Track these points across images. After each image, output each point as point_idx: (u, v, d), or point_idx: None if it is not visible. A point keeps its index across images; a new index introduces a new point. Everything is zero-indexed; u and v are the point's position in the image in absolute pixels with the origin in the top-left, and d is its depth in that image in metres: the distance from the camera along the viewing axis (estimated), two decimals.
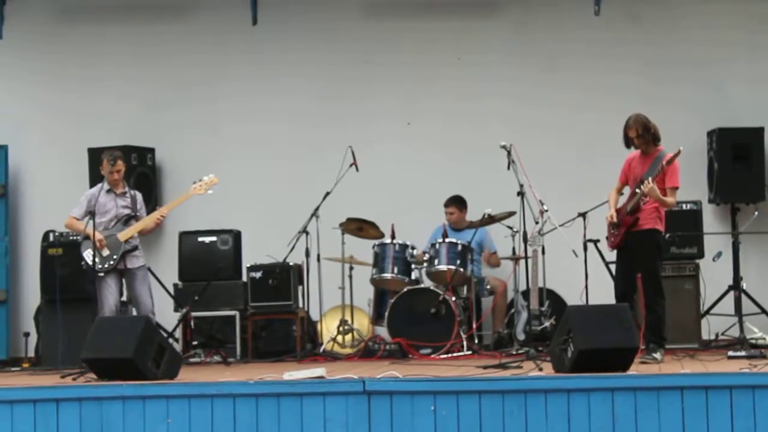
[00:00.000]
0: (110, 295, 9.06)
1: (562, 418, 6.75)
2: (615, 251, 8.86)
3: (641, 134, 8.53)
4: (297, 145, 11.55)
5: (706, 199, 10.83)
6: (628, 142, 8.64)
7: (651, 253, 8.56)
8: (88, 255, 9.03)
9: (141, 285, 9.19)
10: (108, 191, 9.25)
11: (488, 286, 10.58)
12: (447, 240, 10.18)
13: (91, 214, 8.97)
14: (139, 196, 9.42)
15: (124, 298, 9.65)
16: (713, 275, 10.33)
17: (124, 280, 9.22)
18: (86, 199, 9.25)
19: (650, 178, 8.36)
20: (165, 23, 11.82)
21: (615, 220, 8.65)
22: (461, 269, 10.08)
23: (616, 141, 8.66)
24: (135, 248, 9.20)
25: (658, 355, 8.36)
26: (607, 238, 8.85)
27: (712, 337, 10.21)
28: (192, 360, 10.01)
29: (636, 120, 8.56)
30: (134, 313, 9.39)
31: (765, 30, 11.23)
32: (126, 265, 9.13)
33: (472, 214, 10.70)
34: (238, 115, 11.68)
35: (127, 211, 9.24)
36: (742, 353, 8.60)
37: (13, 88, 11.93)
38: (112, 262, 9.05)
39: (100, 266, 9.03)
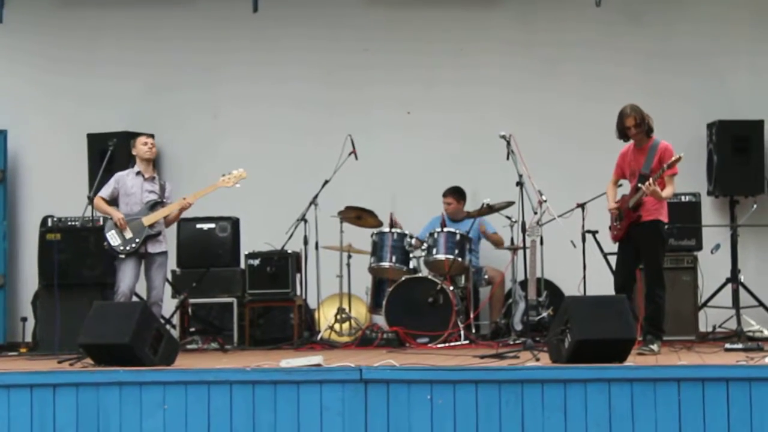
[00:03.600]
0: (126, 278, 9.14)
1: (558, 409, 6.76)
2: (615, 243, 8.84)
3: (639, 123, 8.44)
4: (296, 133, 11.54)
5: (705, 192, 10.82)
6: (623, 133, 8.56)
7: (655, 243, 8.54)
8: (111, 236, 9.15)
9: (157, 271, 9.26)
10: (137, 174, 9.37)
11: (486, 276, 10.59)
12: (446, 229, 10.18)
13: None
14: (168, 185, 9.50)
15: None
16: (711, 267, 10.32)
17: (143, 265, 9.28)
18: (115, 180, 9.40)
19: (651, 180, 8.31)
20: (166, 8, 11.80)
21: (616, 206, 8.62)
22: (459, 259, 10.08)
23: (615, 132, 8.63)
24: (158, 233, 9.26)
25: (655, 347, 8.36)
26: (610, 228, 8.82)
27: (710, 329, 10.20)
28: (189, 347, 10.03)
29: (633, 108, 8.46)
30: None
31: (766, 22, 11.22)
32: (147, 249, 9.20)
33: (471, 204, 10.70)
34: (237, 101, 11.68)
35: (153, 197, 9.33)
36: (739, 346, 8.62)
37: (13, 72, 11.91)
38: (134, 245, 9.13)
39: (121, 248, 9.12)
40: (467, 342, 9.72)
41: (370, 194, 10.85)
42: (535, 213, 9.67)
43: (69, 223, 10.41)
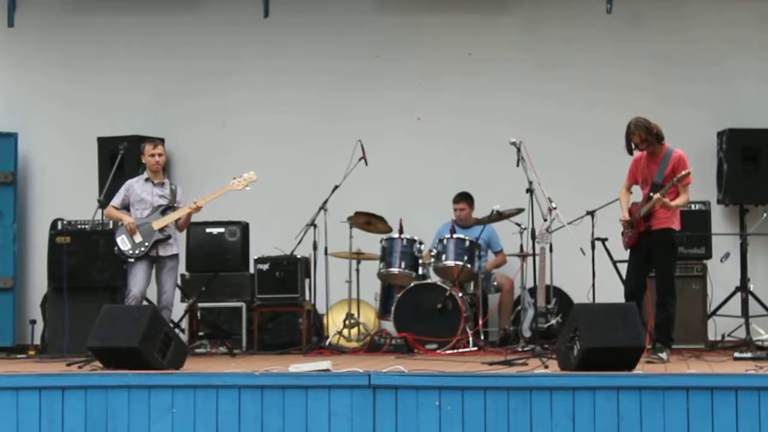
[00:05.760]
0: (138, 282, 9.16)
1: (567, 416, 6.75)
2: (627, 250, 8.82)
3: (645, 138, 8.44)
4: (306, 138, 11.55)
5: (715, 200, 10.80)
6: (631, 148, 8.57)
7: (666, 251, 8.52)
8: (120, 240, 9.18)
9: (168, 275, 9.28)
10: (146, 180, 9.41)
11: (495, 283, 10.58)
12: (455, 236, 10.18)
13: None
14: (179, 189, 9.51)
15: None
16: (720, 276, 10.31)
17: (154, 268, 9.30)
18: (125, 188, 9.44)
19: (660, 193, 8.29)
20: (177, 14, 11.82)
21: (628, 218, 8.62)
22: (468, 265, 10.07)
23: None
24: (169, 237, 9.27)
25: (664, 355, 8.34)
26: (622, 235, 8.80)
27: (719, 338, 10.18)
28: (198, 351, 10.04)
29: (637, 125, 8.45)
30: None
31: None
32: (158, 252, 9.23)
33: (480, 210, 10.69)
34: (248, 107, 11.69)
35: (163, 201, 9.34)
36: (748, 355, 8.60)
37: (24, 76, 11.94)
38: (143, 249, 9.15)
39: (130, 252, 9.14)
40: (476, 348, 9.71)
41: (380, 200, 10.84)
42: (545, 220, 9.66)
43: (79, 227, 10.44)
